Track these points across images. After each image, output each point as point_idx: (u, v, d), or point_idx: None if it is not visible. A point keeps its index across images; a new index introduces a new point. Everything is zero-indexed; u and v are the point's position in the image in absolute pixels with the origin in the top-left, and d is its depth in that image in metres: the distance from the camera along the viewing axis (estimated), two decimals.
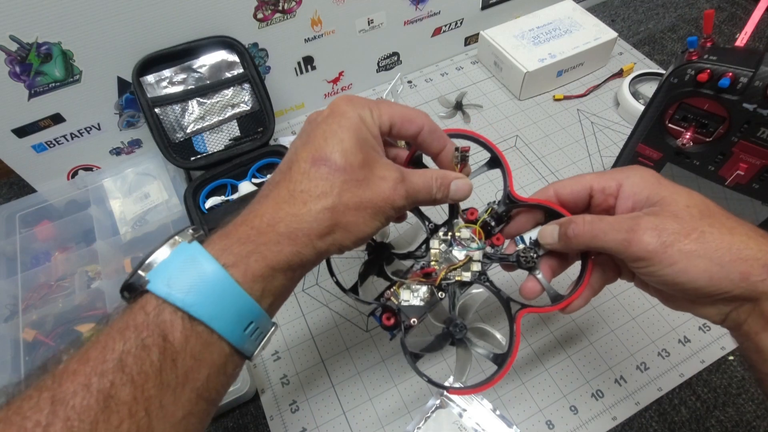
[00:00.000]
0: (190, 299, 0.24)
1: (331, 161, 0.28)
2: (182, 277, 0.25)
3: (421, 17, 0.70)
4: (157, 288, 0.24)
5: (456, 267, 0.37)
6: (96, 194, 0.61)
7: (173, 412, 0.24)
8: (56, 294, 0.54)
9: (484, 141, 0.38)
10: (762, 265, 0.27)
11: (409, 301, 0.36)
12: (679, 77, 0.45)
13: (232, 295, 0.25)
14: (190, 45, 0.57)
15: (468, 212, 0.38)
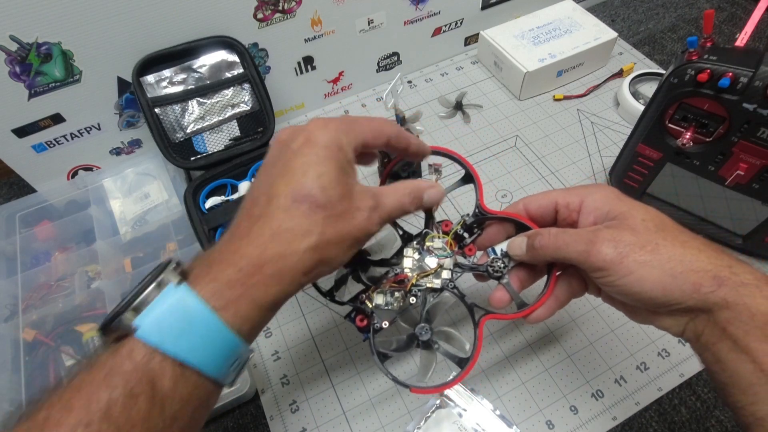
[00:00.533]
0: (181, 347, 0.24)
1: (312, 197, 0.28)
2: (173, 323, 0.25)
3: (421, 17, 0.70)
4: (147, 335, 0.24)
5: (427, 274, 0.39)
6: (96, 194, 0.61)
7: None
8: (56, 294, 0.54)
9: (456, 157, 0.40)
10: (712, 277, 0.28)
11: (382, 305, 0.38)
12: (679, 77, 0.45)
13: (222, 339, 0.26)
14: (190, 45, 0.57)
15: (443, 224, 0.40)
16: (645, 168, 0.53)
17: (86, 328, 0.51)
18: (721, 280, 0.28)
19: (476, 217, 0.40)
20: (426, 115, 0.71)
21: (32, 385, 0.47)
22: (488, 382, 0.48)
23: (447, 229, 0.40)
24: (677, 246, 0.30)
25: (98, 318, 0.52)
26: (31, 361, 0.49)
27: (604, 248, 0.31)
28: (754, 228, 0.51)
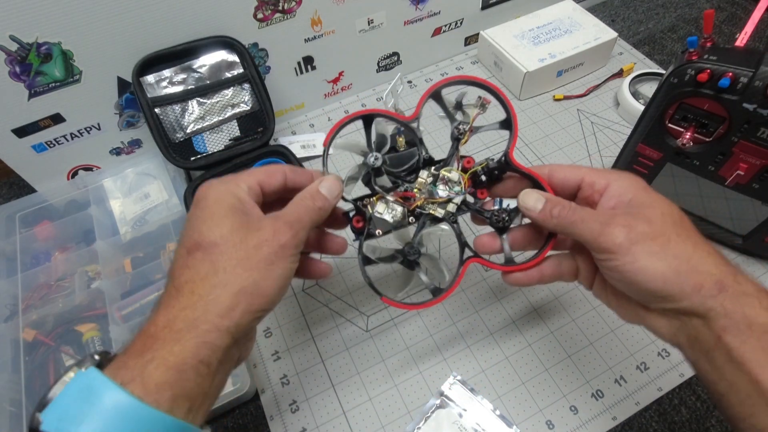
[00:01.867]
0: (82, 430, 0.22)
1: (203, 243, 0.28)
2: (75, 408, 0.23)
3: (421, 17, 0.70)
4: (49, 426, 0.22)
5: (434, 202, 0.39)
6: (96, 194, 0.61)
7: None
8: (56, 294, 0.54)
9: (504, 100, 0.39)
10: (715, 282, 0.28)
11: (382, 214, 0.39)
12: (679, 77, 0.45)
13: (132, 412, 0.23)
14: (190, 45, 0.57)
15: (465, 160, 0.40)
16: (645, 168, 0.53)
17: (86, 328, 0.51)
18: (723, 285, 0.28)
19: (499, 164, 0.39)
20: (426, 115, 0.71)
21: (32, 385, 0.47)
22: (488, 382, 0.48)
23: (468, 166, 0.40)
24: (688, 245, 0.30)
25: (98, 318, 0.52)
26: (31, 361, 0.49)
27: (617, 231, 0.31)
28: (754, 228, 0.51)
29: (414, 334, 0.51)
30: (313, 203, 0.33)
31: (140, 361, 0.25)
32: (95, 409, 0.23)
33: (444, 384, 0.47)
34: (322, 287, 0.55)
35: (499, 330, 0.51)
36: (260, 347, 0.51)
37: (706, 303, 0.28)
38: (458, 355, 0.49)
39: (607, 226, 0.31)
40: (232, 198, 0.30)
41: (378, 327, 0.52)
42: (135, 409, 0.23)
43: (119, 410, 0.23)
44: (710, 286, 0.28)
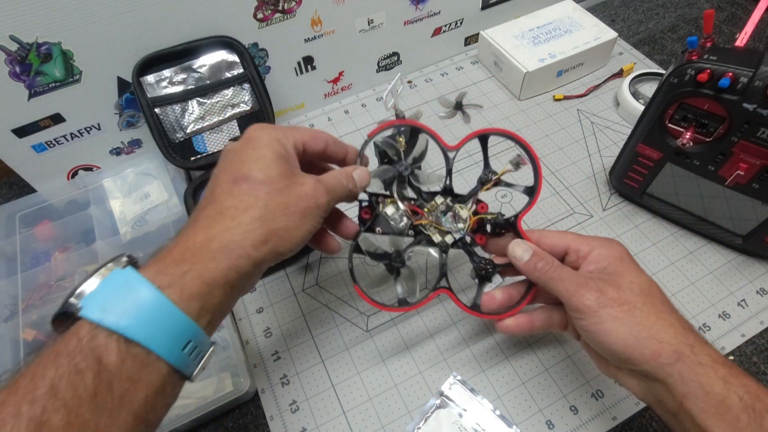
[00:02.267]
0: (124, 322, 0.24)
1: (251, 177, 0.31)
2: (116, 301, 0.25)
3: (421, 17, 0.70)
4: (89, 313, 0.24)
5: (437, 227, 0.43)
6: (96, 194, 0.61)
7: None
8: (56, 294, 0.54)
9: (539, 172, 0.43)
10: (672, 351, 0.31)
11: (389, 216, 0.42)
12: (679, 77, 0.45)
13: (168, 315, 0.25)
14: (190, 45, 0.57)
15: (480, 204, 0.44)
16: (645, 168, 0.53)
17: None
18: (680, 355, 0.31)
19: (506, 222, 0.43)
20: (426, 115, 0.71)
21: None
22: (488, 382, 0.48)
23: (481, 210, 0.43)
24: (651, 314, 0.33)
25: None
26: None
27: (588, 294, 0.34)
28: (754, 228, 0.51)
29: (414, 334, 0.51)
30: (346, 183, 0.37)
31: (177, 271, 0.27)
32: (135, 306, 0.25)
33: (444, 384, 0.47)
34: (322, 287, 0.55)
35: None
36: (260, 347, 0.51)
37: (664, 369, 0.31)
38: (458, 355, 0.49)
39: (581, 288, 0.34)
40: (281, 147, 0.33)
41: (378, 327, 0.52)
42: (171, 313, 0.25)
43: (157, 311, 0.25)
44: (668, 355, 0.31)
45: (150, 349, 0.25)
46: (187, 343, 0.26)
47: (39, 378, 0.23)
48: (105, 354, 0.24)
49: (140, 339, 0.24)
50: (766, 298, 0.52)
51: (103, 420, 0.23)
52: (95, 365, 0.23)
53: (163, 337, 0.25)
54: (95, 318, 0.24)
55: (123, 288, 0.26)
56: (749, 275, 0.53)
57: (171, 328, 0.26)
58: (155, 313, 0.25)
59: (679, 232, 0.57)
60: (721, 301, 0.52)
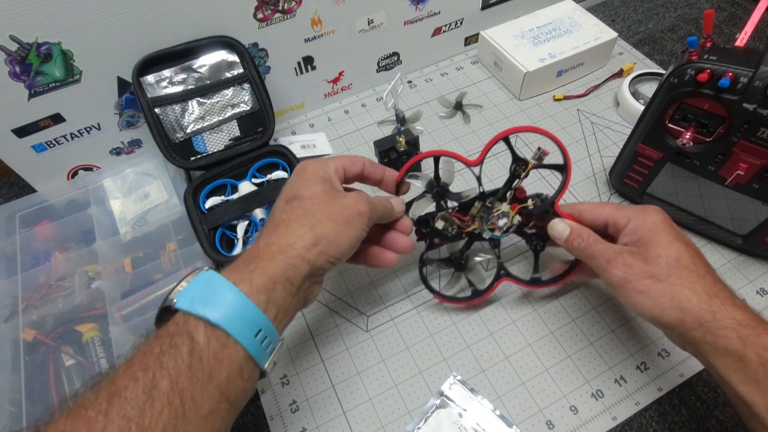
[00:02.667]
0: (208, 309, 0.29)
1: (300, 196, 0.37)
2: (202, 294, 0.30)
3: (421, 17, 0.70)
4: (182, 305, 0.30)
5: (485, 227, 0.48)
6: (96, 194, 0.61)
7: (201, 405, 0.28)
8: (56, 294, 0.54)
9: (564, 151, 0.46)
10: (694, 318, 0.35)
11: (440, 229, 0.48)
12: (679, 77, 0.45)
13: (241, 304, 0.31)
14: (190, 45, 0.57)
15: (519, 190, 0.47)
16: (645, 168, 0.53)
17: (86, 328, 0.51)
18: (701, 321, 0.35)
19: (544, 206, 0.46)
20: (426, 115, 0.71)
21: (32, 385, 0.47)
22: (488, 382, 0.48)
23: (520, 196, 0.47)
24: (676, 285, 0.36)
25: (98, 318, 0.52)
26: (31, 361, 0.49)
27: (616, 270, 0.38)
28: (754, 228, 0.51)
29: (414, 334, 0.51)
30: (385, 203, 0.43)
31: (246, 270, 0.33)
32: (216, 298, 0.30)
33: (444, 384, 0.47)
34: (322, 287, 0.55)
35: (499, 330, 0.51)
36: None
37: (690, 334, 0.35)
38: (458, 355, 0.49)
39: (609, 264, 0.39)
40: (323, 172, 0.40)
41: (378, 327, 0.52)
42: (243, 302, 0.31)
43: (232, 301, 0.30)
44: (690, 321, 0.35)
45: (228, 332, 0.29)
46: (258, 330, 0.31)
47: (149, 352, 0.28)
48: (195, 333, 0.29)
49: (220, 322, 0.29)
50: (766, 298, 0.52)
51: (197, 389, 0.28)
52: (189, 342, 0.28)
53: (238, 322, 0.30)
54: (186, 308, 0.30)
55: (206, 285, 0.31)
56: (749, 275, 0.53)
57: (244, 315, 0.30)
58: (231, 303, 0.30)
59: None
60: None
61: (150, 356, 0.28)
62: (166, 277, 0.53)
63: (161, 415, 0.26)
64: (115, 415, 0.25)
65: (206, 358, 0.28)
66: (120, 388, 0.26)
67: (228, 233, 0.57)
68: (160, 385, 0.27)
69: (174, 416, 0.26)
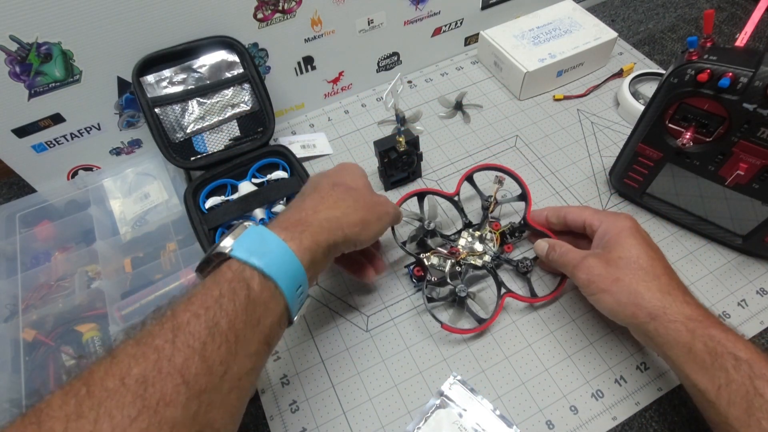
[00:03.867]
0: (263, 262, 0.33)
1: (346, 184, 0.42)
2: (257, 247, 0.33)
3: (421, 17, 0.70)
4: (239, 254, 0.33)
5: (473, 254, 0.53)
6: (96, 194, 0.61)
7: (250, 345, 0.31)
8: (56, 294, 0.54)
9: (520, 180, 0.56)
10: (647, 313, 0.39)
11: (435, 265, 0.52)
12: (679, 77, 0.45)
13: (290, 262, 0.34)
14: (190, 45, 0.57)
15: (494, 224, 0.55)
16: (645, 168, 0.53)
17: (86, 328, 0.51)
18: (653, 315, 0.39)
19: (520, 225, 0.55)
20: (426, 115, 0.71)
21: (32, 385, 0.47)
22: (488, 382, 0.48)
23: (496, 228, 0.54)
24: (633, 284, 0.40)
25: (98, 318, 0.52)
26: (31, 361, 0.49)
27: (580, 273, 0.44)
28: (754, 228, 0.51)
29: (414, 334, 0.51)
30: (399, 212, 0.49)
31: (296, 231, 0.36)
32: (268, 251, 0.33)
33: (444, 384, 0.47)
34: (322, 287, 0.55)
35: (499, 330, 0.51)
36: None
37: (644, 327, 0.40)
38: (458, 355, 0.49)
39: (576, 269, 0.44)
40: (364, 173, 0.46)
41: (378, 327, 0.52)
42: (292, 259, 0.34)
43: (283, 257, 0.34)
44: (643, 316, 0.39)
45: (278, 284, 0.33)
46: (299, 286, 0.35)
47: (209, 293, 0.31)
48: (251, 281, 0.32)
49: (273, 275, 0.32)
50: (766, 298, 0.52)
51: (248, 332, 0.31)
52: (246, 289, 0.31)
53: (286, 276, 0.33)
54: (243, 257, 0.32)
55: (260, 239, 0.34)
56: (749, 275, 0.53)
57: (292, 271, 0.34)
58: (283, 258, 0.34)
59: (679, 232, 0.57)
60: (721, 301, 0.52)
61: (210, 297, 0.30)
62: (166, 277, 0.53)
63: (219, 349, 0.29)
64: (181, 345, 0.28)
65: (259, 305, 0.32)
66: (183, 322, 0.29)
67: None
68: (220, 323, 0.29)
69: (229, 352, 0.29)
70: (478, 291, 0.52)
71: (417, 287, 0.54)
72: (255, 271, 0.32)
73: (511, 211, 0.60)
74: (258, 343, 0.32)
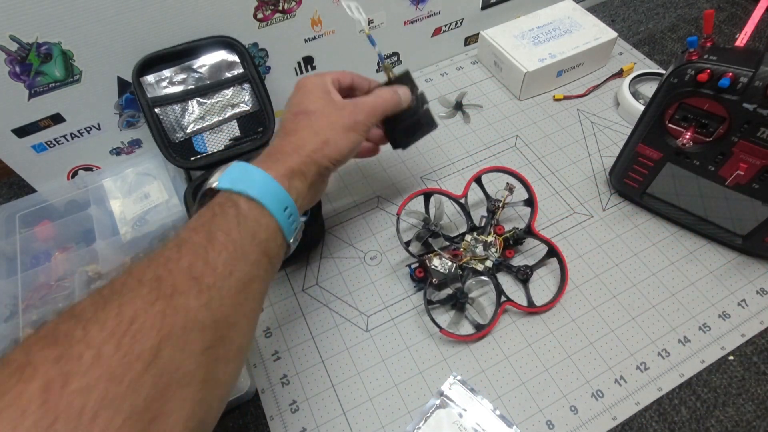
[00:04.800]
0: (246, 187, 0.35)
1: (306, 110, 0.43)
2: (240, 177, 0.36)
3: (421, 17, 0.70)
4: (224, 184, 0.36)
5: (476, 258, 0.53)
6: (96, 194, 0.61)
7: (249, 254, 0.34)
8: (56, 294, 0.54)
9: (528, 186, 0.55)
10: None
11: (437, 267, 0.51)
12: (679, 77, 0.45)
13: (271, 185, 0.37)
14: (190, 45, 0.57)
15: (498, 227, 0.54)
16: (645, 168, 0.53)
17: None
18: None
19: (523, 232, 0.54)
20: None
21: None
22: (488, 382, 0.48)
23: (499, 232, 0.54)
24: None
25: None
26: None
27: None
28: (754, 228, 0.51)
29: (414, 334, 0.51)
30: (392, 95, 0.47)
31: (270, 161, 0.39)
32: (250, 179, 0.36)
33: (444, 384, 0.47)
34: (322, 287, 0.55)
35: (499, 330, 0.51)
36: (260, 347, 0.51)
37: None
38: (458, 355, 0.49)
39: None
40: (323, 85, 0.45)
41: (378, 327, 0.52)
42: (272, 183, 0.37)
43: (264, 182, 0.37)
44: None
45: (263, 204, 0.35)
46: (285, 207, 0.37)
47: (202, 217, 0.34)
48: (239, 202, 0.35)
49: (257, 196, 0.35)
50: (766, 298, 0.52)
51: (245, 241, 0.33)
52: (234, 207, 0.34)
53: (270, 197, 0.36)
54: (227, 186, 0.35)
55: (242, 171, 0.37)
56: (749, 275, 0.53)
57: (274, 193, 0.37)
58: (264, 183, 0.36)
59: (679, 232, 0.57)
60: (721, 301, 0.52)
61: (204, 218, 0.33)
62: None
63: (220, 254, 0.32)
64: (186, 252, 0.31)
65: (250, 220, 0.34)
66: (185, 238, 0.32)
67: None
68: (216, 235, 0.32)
69: (230, 258, 0.32)
70: (479, 296, 0.52)
71: (417, 287, 0.54)
72: (240, 195, 0.35)
73: (513, 215, 0.60)
74: (257, 253, 0.34)
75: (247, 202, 0.35)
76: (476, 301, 0.51)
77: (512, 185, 0.55)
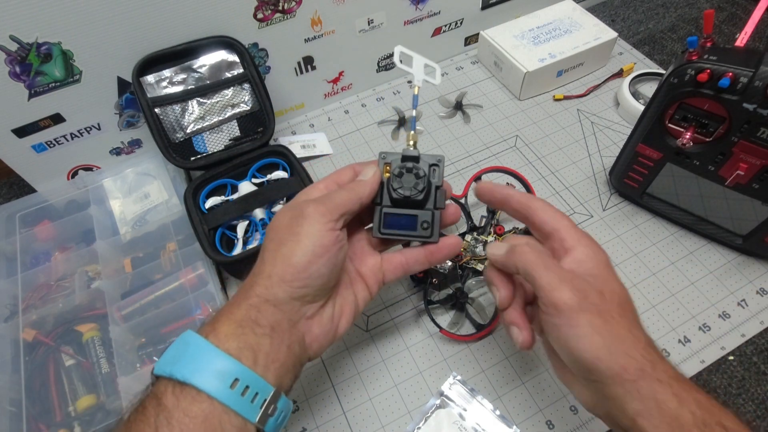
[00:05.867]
0: (177, 368, 0.29)
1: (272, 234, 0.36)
2: (170, 354, 0.31)
3: (421, 17, 0.70)
4: (157, 370, 0.30)
5: (476, 258, 0.52)
6: (96, 194, 0.61)
7: None
8: (56, 294, 0.54)
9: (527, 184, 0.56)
10: (637, 367, 0.29)
11: (437, 267, 0.50)
12: (679, 77, 0.45)
13: (210, 355, 0.30)
14: (190, 45, 0.57)
15: (498, 227, 0.54)
16: (645, 168, 0.53)
17: (86, 328, 0.51)
18: (642, 373, 0.29)
19: (524, 231, 0.52)
20: (426, 115, 0.71)
21: (32, 385, 0.47)
22: (488, 382, 0.48)
23: (500, 232, 0.53)
24: (624, 328, 0.31)
25: (98, 318, 0.52)
26: (31, 361, 0.49)
27: (570, 293, 0.31)
28: (754, 228, 0.51)
29: (414, 335, 0.51)
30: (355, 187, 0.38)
31: (216, 320, 0.32)
32: (186, 354, 0.30)
33: (444, 384, 0.47)
34: None
35: (500, 330, 0.51)
36: None
37: (625, 386, 0.29)
38: (458, 355, 0.49)
39: (564, 283, 0.32)
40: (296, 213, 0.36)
41: (378, 327, 0.52)
42: (212, 353, 0.30)
43: (200, 354, 0.30)
44: (632, 371, 0.29)
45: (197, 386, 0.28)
46: (234, 380, 0.29)
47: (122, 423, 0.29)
48: (163, 396, 0.29)
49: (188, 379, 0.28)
50: (766, 298, 0.52)
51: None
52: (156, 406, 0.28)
53: (206, 373, 0.29)
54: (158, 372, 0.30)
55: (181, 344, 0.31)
56: (749, 275, 0.53)
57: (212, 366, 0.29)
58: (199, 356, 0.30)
59: (679, 232, 0.57)
60: (721, 301, 0.52)
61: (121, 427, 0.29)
62: (166, 277, 0.53)
63: None
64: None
65: (176, 419, 0.28)
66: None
67: (228, 233, 0.57)
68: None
69: None
70: (479, 296, 0.52)
71: (417, 287, 0.54)
72: (168, 382, 0.29)
73: None
74: None
75: (174, 390, 0.29)
76: (476, 301, 0.51)
77: (512, 185, 0.56)
